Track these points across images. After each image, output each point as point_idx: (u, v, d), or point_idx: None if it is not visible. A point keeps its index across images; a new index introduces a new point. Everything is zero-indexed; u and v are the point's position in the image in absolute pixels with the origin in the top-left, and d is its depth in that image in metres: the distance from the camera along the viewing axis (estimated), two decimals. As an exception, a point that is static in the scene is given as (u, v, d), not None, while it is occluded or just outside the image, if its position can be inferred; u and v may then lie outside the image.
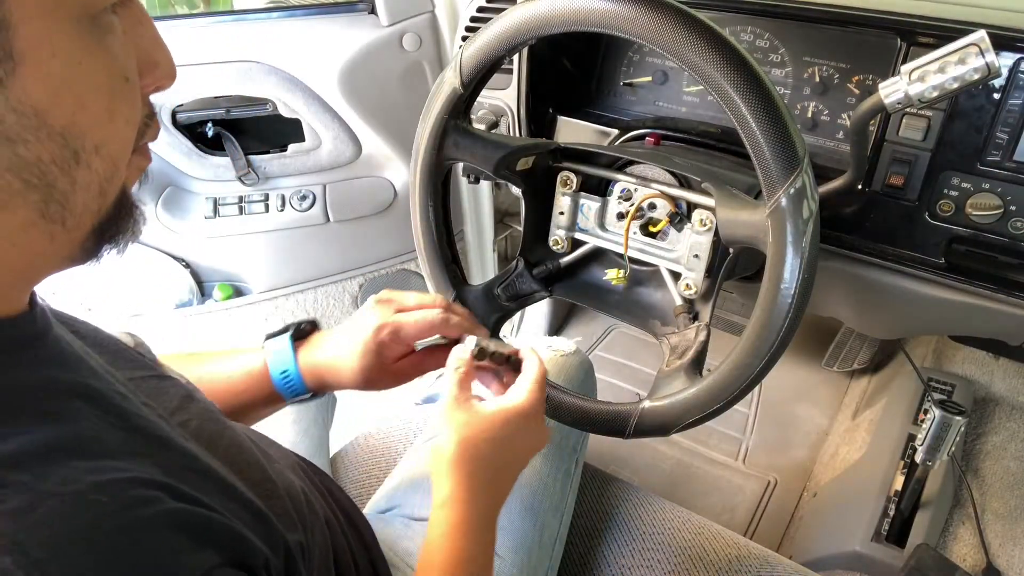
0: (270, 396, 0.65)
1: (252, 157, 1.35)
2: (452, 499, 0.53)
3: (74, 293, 1.37)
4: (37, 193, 0.31)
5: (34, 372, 0.34)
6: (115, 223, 0.37)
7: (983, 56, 0.54)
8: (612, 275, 0.76)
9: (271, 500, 0.44)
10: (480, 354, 0.61)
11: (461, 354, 0.60)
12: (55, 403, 0.34)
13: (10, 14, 0.28)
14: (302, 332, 0.67)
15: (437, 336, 0.66)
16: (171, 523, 0.32)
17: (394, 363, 0.66)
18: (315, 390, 0.66)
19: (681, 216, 0.70)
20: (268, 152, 1.37)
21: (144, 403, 0.40)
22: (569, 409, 0.68)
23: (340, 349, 0.64)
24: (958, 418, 0.97)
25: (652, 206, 0.72)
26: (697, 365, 0.66)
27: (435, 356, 0.67)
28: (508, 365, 0.63)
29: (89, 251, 0.37)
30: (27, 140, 0.30)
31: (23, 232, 0.32)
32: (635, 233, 0.73)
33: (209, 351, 0.68)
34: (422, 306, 0.65)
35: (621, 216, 0.73)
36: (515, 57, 0.96)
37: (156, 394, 0.44)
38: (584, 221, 0.76)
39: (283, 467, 0.53)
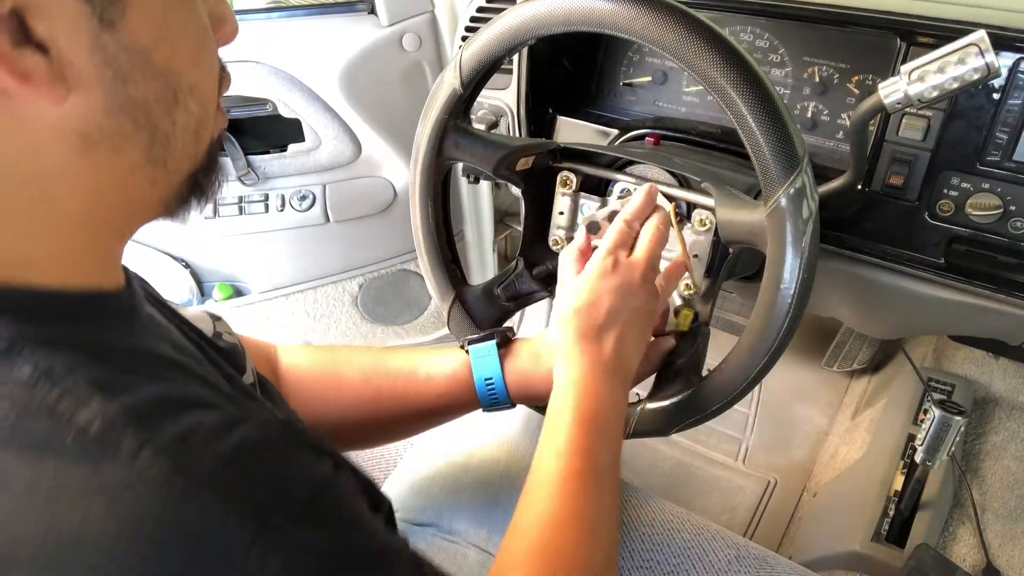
0: (468, 402, 0.64)
1: (252, 157, 1.35)
2: (587, 371, 0.53)
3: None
4: (144, 134, 0.34)
5: (139, 341, 0.36)
6: (208, 173, 0.40)
7: (983, 56, 0.53)
8: None
9: None
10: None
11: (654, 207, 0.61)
12: (162, 369, 0.36)
13: None
14: (505, 339, 0.65)
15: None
16: (290, 437, 0.35)
17: None
18: (517, 401, 0.65)
19: (681, 216, 0.70)
20: (268, 152, 1.37)
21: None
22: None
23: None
24: (958, 418, 0.97)
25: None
26: (697, 365, 0.66)
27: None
28: None
29: (181, 199, 0.39)
30: (136, 80, 0.32)
31: (130, 175, 0.35)
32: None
33: (398, 348, 0.67)
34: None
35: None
36: (515, 57, 0.96)
37: None
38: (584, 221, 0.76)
39: None
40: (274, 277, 1.49)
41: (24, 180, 0.32)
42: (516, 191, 0.78)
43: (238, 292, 1.50)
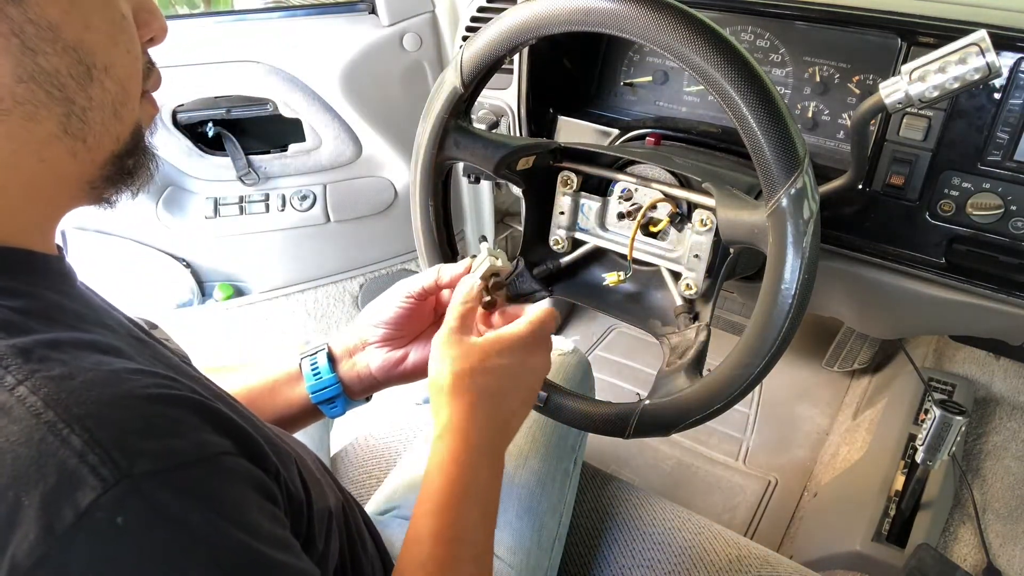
0: (307, 405, 0.64)
1: (252, 157, 1.35)
2: (449, 429, 0.52)
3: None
4: (59, 106, 0.35)
5: (66, 298, 0.38)
6: (133, 156, 0.41)
7: (983, 56, 0.53)
8: (611, 279, 0.76)
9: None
10: (490, 288, 0.60)
11: (467, 290, 0.58)
12: (80, 322, 0.37)
13: None
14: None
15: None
16: (193, 406, 0.35)
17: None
18: (364, 393, 0.66)
19: (682, 216, 0.70)
20: (268, 152, 1.37)
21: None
22: (569, 409, 0.68)
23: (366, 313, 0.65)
24: (958, 418, 0.97)
25: (653, 206, 0.72)
26: (697, 365, 0.66)
27: None
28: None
29: (109, 181, 0.40)
30: (46, 51, 0.34)
31: (48, 146, 0.36)
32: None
33: (242, 362, 0.67)
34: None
35: (621, 216, 0.73)
36: (515, 57, 0.96)
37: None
38: (584, 221, 0.76)
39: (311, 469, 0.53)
40: (275, 277, 1.49)
41: None
42: (517, 191, 0.78)
43: (239, 292, 1.50)
